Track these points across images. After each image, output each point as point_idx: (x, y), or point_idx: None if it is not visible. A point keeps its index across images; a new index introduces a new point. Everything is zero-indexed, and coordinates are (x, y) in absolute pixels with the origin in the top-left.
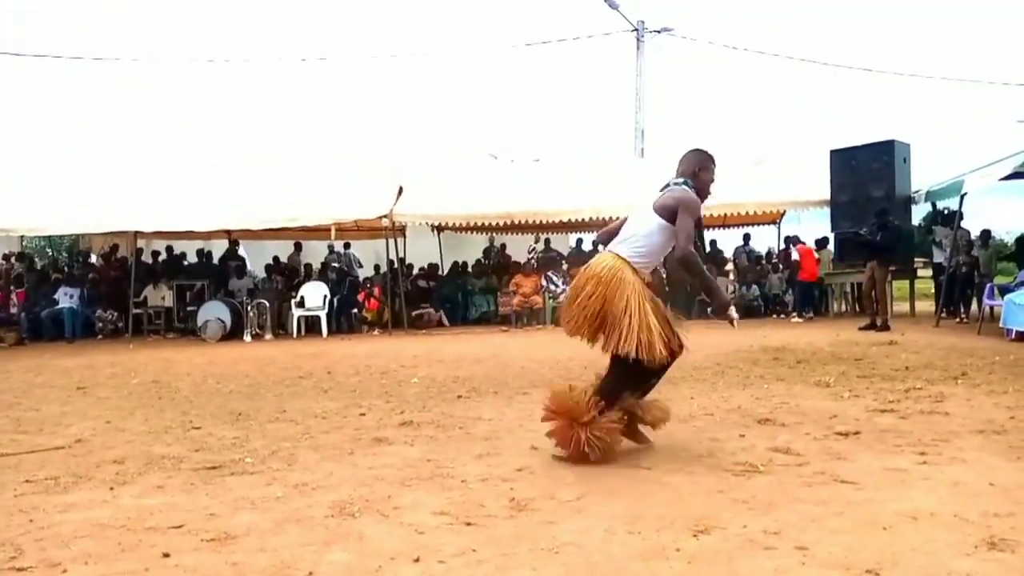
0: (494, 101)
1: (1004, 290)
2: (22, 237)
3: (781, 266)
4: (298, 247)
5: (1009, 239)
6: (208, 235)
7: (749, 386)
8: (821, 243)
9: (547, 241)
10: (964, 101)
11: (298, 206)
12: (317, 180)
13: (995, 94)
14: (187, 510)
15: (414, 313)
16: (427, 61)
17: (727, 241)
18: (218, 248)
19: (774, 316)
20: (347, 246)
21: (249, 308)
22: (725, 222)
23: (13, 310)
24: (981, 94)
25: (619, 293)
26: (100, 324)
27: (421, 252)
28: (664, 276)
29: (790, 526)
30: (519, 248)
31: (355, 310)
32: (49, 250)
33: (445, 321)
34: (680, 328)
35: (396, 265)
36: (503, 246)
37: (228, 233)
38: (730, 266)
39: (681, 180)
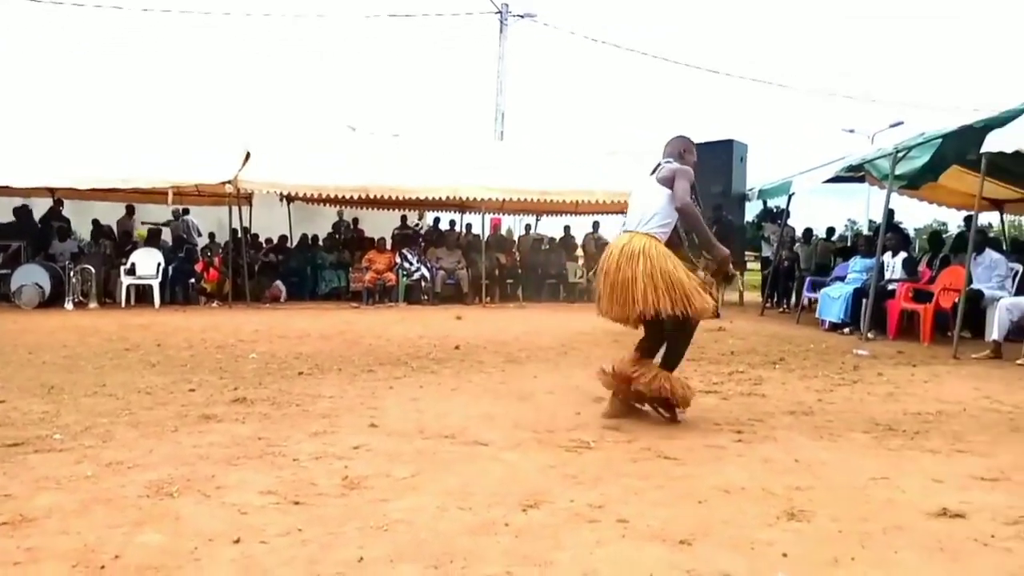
0: (355, 72)
1: (820, 284)
2: None
3: None
4: (130, 210)
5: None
6: (28, 192)
7: (590, 366)
8: None
9: (403, 218)
10: (797, 108)
11: (132, 166)
12: (156, 140)
13: (824, 104)
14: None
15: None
16: (287, 23)
17: (578, 228)
18: (40, 207)
19: None
20: (186, 212)
21: (72, 274)
22: (577, 209)
23: None
24: (812, 103)
25: (668, 262)
26: None
27: (269, 223)
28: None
29: (614, 500)
30: (375, 223)
31: (192, 280)
32: None
33: (282, 293)
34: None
35: (240, 235)
36: (355, 220)
37: (52, 191)
38: (580, 252)
39: (670, 160)
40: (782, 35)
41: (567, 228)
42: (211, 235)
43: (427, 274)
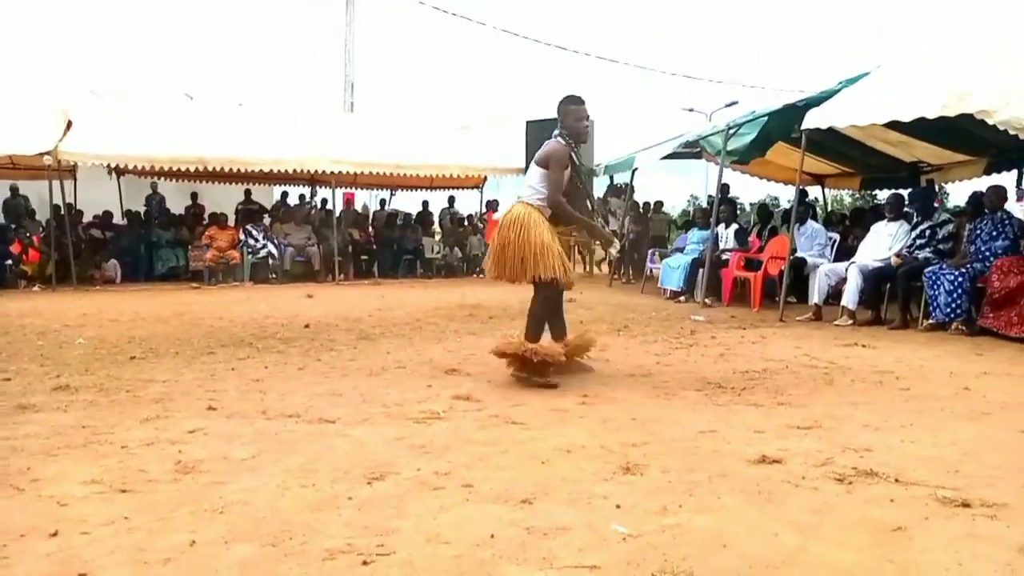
0: (192, 38)
1: (663, 255)
2: None
3: (483, 228)
4: None
5: (674, 212)
6: None
7: (443, 340)
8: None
9: (247, 192)
10: (641, 87)
11: None
12: None
13: (665, 83)
14: None
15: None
16: None
17: (434, 203)
18: None
19: (474, 276)
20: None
21: None
22: (432, 184)
23: None
24: (654, 82)
25: (536, 230)
26: None
27: (97, 198)
28: None
29: (460, 466)
30: (215, 198)
31: (9, 262)
32: None
33: (117, 274)
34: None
35: (63, 211)
36: (194, 195)
37: None
38: (436, 227)
39: (556, 132)
40: (630, 14)
41: (425, 203)
42: (30, 212)
43: (275, 251)
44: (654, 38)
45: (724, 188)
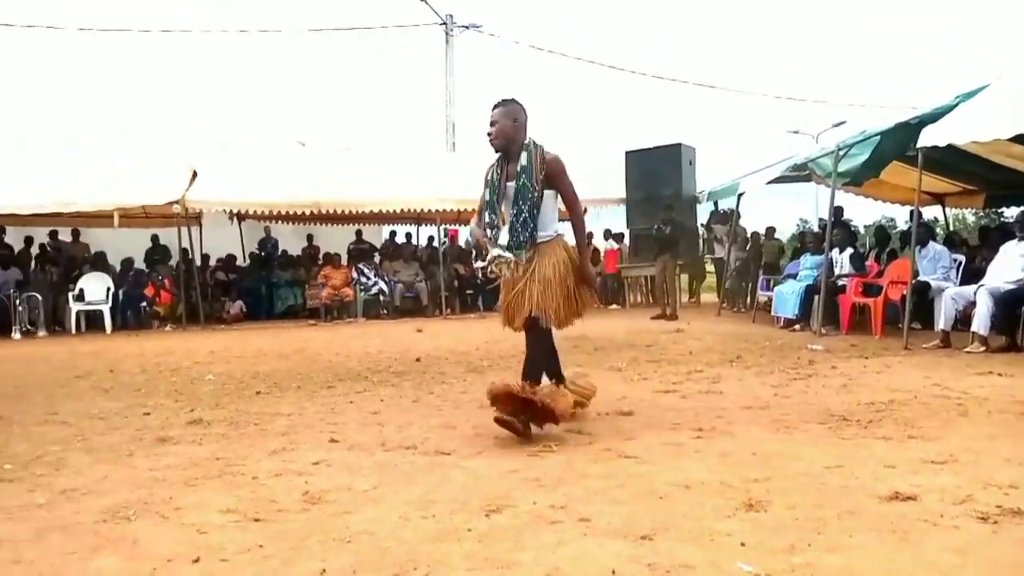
0: (303, 88)
1: (776, 282)
2: None
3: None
4: (76, 235)
5: (783, 236)
6: None
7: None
8: (617, 237)
9: (358, 233)
10: (743, 111)
11: (75, 189)
12: (98, 161)
13: (768, 106)
14: None
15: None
16: (229, 39)
17: None
18: None
19: None
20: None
21: (18, 302)
22: None
23: None
24: (758, 105)
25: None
26: None
27: (221, 242)
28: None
29: (576, 500)
30: (329, 238)
31: (144, 304)
32: None
33: (240, 314)
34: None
35: (190, 255)
36: (310, 236)
37: None
38: None
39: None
40: (727, 39)
41: None
42: (163, 258)
43: (385, 288)
44: (752, 61)
45: (837, 211)
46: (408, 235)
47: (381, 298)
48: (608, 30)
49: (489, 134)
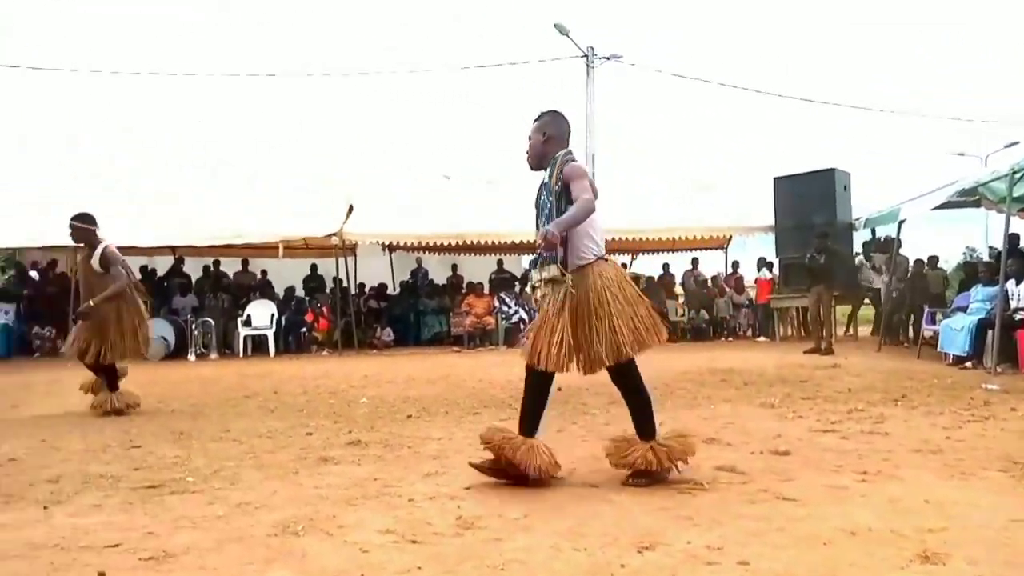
0: (447, 123)
1: (943, 315)
2: None
3: (729, 290)
4: (245, 264)
5: (948, 266)
6: (151, 251)
7: (696, 407)
8: (769, 266)
9: (499, 263)
10: (901, 132)
11: (245, 222)
12: (265, 196)
13: (930, 127)
14: (124, 529)
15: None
16: (381, 80)
17: (677, 265)
18: (162, 265)
19: (722, 339)
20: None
21: (194, 327)
22: (674, 246)
23: None
24: (917, 126)
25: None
26: (38, 341)
27: (372, 271)
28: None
29: (733, 541)
30: (472, 268)
31: (304, 330)
32: None
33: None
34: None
35: (346, 284)
36: (454, 266)
37: (173, 249)
38: (679, 289)
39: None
40: (879, 59)
41: (666, 266)
42: (320, 286)
43: (525, 317)
44: (910, 80)
45: (1012, 238)
46: None
47: (521, 326)
48: (753, 54)
49: (526, 152)
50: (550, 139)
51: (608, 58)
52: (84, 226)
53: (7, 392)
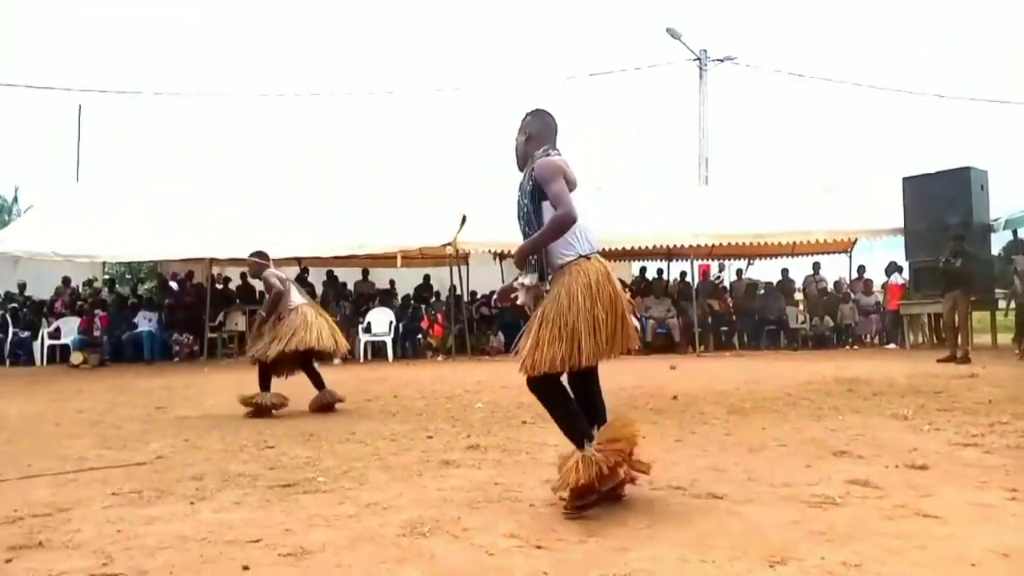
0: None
1: None
2: (104, 263)
3: (853, 295)
4: (365, 274)
5: None
6: (279, 262)
7: (823, 418)
8: (899, 270)
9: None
10: None
11: (365, 234)
12: (383, 209)
13: None
14: (263, 525)
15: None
16: (490, 92)
17: (797, 271)
18: (288, 275)
19: (846, 347)
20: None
21: None
22: (794, 251)
23: (96, 333)
24: None
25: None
26: (177, 347)
27: (483, 279)
28: None
29: (871, 559)
30: None
31: (419, 336)
32: (129, 275)
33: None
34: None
35: (459, 292)
36: None
37: (298, 261)
38: (799, 295)
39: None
40: (1017, 49)
41: (784, 271)
42: (436, 293)
43: (636, 324)
44: None
45: None
46: (659, 271)
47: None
48: (878, 49)
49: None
50: (531, 138)
51: (722, 60)
52: (256, 260)
53: (152, 394)
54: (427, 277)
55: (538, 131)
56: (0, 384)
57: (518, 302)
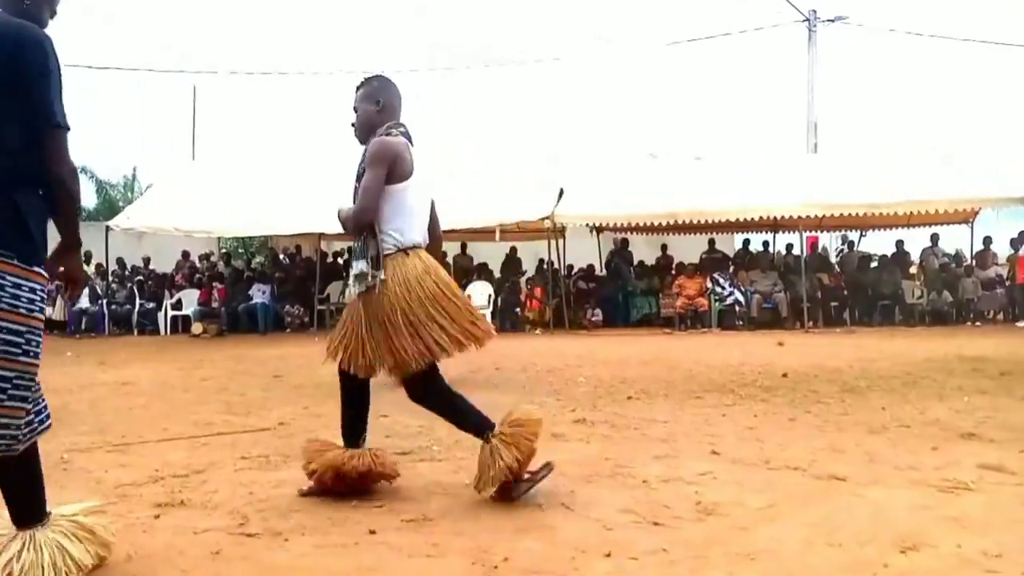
0: (653, 100)
1: None
2: (219, 238)
3: (975, 269)
4: (463, 248)
5: None
6: None
7: (946, 398)
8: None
9: (711, 242)
10: None
11: (465, 209)
12: (482, 184)
13: None
14: (383, 491)
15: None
16: (585, 63)
17: (913, 242)
18: None
19: (968, 323)
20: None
21: None
22: (910, 221)
23: (215, 304)
24: None
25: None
26: (289, 318)
27: (580, 253)
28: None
29: (1014, 549)
30: (681, 248)
31: (517, 309)
32: (241, 250)
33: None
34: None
35: (556, 266)
36: (664, 246)
37: None
38: (915, 268)
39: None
40: None
41: (899, 243)
42: (539, 265)
43: (741, 298)
44: None
45: None
46: (765, 243)
47: (737, 308)
48: (1001, 4)
49: (352, 125)
50: (385, 108)
51: (832, 20)
52: None
53: (268, 363)
54: (513, 250)
55: (389, 101)
56: (132, 352)
57: (348, 294)
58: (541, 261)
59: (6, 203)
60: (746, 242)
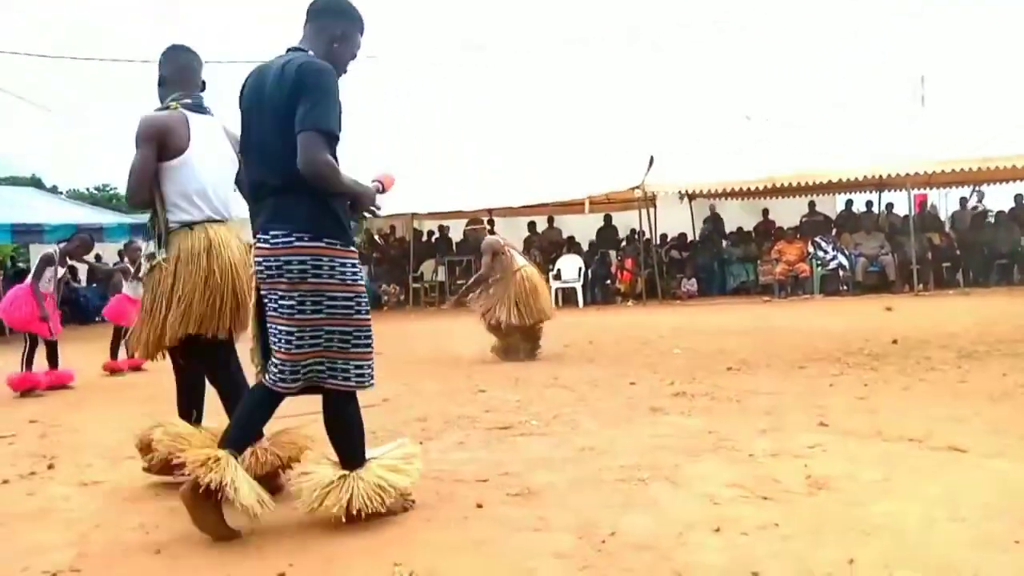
0: (745, 61)
1: None
2: None
3: None
4: (551, 221)
5: None
6: (470, 214)
7: None
8: None
9: (811, 204)
10: None
11: (554, 182)
12: (570, 155)
13: None
14: (488, 465)
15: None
16: (678, 32)
17: None
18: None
19: None
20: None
21: None
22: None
23: None
24: None
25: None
26: (385, 297)
27: (672, 222)
28: None
29: None
30: (779, 212)
31: (608, 282)
32: None
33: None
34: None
35: (648, 236)
36: (765, 211)
37: (489, 211)
38: None
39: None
40: None
41: (1018, 197)
42: (629, 235)
43: (845, 262)
44: None
45: None
46: (868, 203)
47: (841, 273)
48: None
49: None
50: (167, 82)
51: None
52: (473, 229)
53: None
54: (608, 219)
55: (171, 74)
56: None
57: (141, 273)
58: (632, 231)
59: (324, 204)
60: (849, 203)
